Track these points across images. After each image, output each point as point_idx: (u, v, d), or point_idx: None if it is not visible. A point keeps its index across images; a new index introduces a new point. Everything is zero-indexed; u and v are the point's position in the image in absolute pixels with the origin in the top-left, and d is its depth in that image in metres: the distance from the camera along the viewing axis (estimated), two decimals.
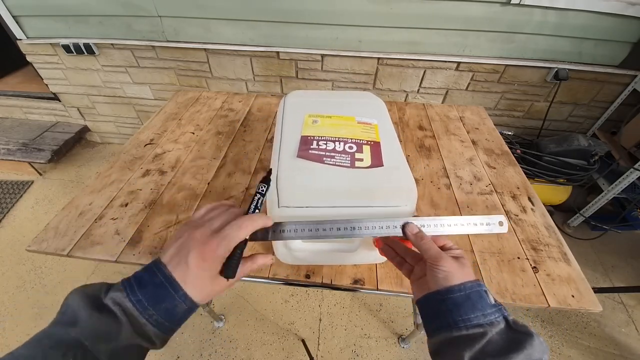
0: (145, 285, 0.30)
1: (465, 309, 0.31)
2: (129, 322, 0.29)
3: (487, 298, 0.32)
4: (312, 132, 0.55)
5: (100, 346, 0.27)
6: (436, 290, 0.34)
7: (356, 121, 0.58)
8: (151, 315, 0.29)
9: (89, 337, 0.27)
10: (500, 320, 0.31)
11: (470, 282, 0.33)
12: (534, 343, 0.29)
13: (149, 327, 0.29)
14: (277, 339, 1.22)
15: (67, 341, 0.27)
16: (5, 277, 1.41)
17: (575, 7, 1.22)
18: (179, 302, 0.31)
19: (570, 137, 1.44)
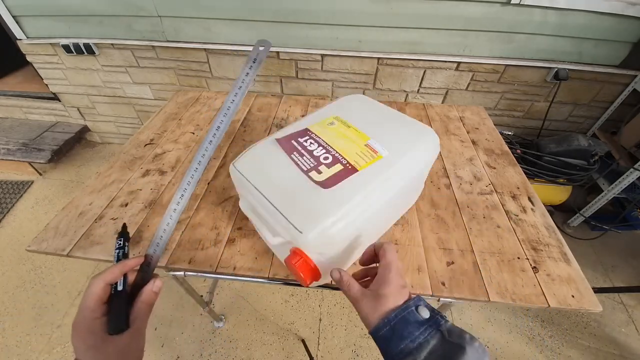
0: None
1: (395, 342, 0.31)
2: None
3: (415, 318, 0.32)
4: (315, 130, 0.55)
5: None
6: (370, 331, 0.34)
7: (365, 143, 0.52)
8: None
9: None
10: (432, 336, 0.31)
11: (395, 311, 0.33)
12: (466, 356, 0.29)
13: None
14: (277, 339, 1.22)
15: None
16: (5, 277, 1.41)
17: (576, 7, 1.22)
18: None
19: (570, 137, 1.44)
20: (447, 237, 0.65)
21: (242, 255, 0.61)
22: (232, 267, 0.59)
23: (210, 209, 0.70)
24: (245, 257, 0.60)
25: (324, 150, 0.51)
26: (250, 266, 0.59)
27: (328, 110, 0.63)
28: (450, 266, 0.59)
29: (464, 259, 0.60)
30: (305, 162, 0.49)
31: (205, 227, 0.66)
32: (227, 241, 0.63)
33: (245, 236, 0.64)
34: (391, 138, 0.54)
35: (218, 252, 0.61)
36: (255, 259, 0.60)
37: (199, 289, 1.35)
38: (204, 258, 0.60)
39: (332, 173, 0.47)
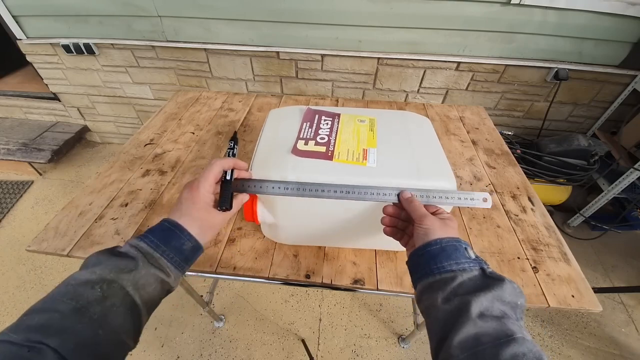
0: (155, 231, 0.37)
1: (440, 258, 0.34)
2: (144, 257, 0.34)
3: (463, 252, 0.34)
4: (343, 118, 0.61)
5: (123, 276, 0.32)
6: (418, 247, 0.37)
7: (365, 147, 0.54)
8: (164, 251, 0.36)
9: (112, 271, 0.32)
10: (474, 268, 0.33)
11: (448, 238, 0.36)
12: (504, 286, 0.31)
13: (163, 261, 0.35)
14: (277, 339, 1.22)
15: (93, 279, 0.31)
16: (5, 277, 1.41)
17: (575, 7, 1.22)
18: (185, 241, 0.37)
19: (570, 137, 1.44)
20: None
21: (242, 255, 0.61)
22: (232, 267, 0.59)
23: None
24: (245, 257, 0.60)
25: (327, 133, 0.56)
26: (250, 266, 0.59)
27: (381, 112, 0.65)
28: None
29: None
30: (306, 132, 0.56)
31: None
32: (227, 241, 0.63)
33: (245, 236, 0.64)
34: (394, 162, 0.51)
35: (218, 252, 0.61)
36: (255, 259, 0.60)
37: (199, 289, 1.35)
38: (204, 258, 0.60)
39: (311, 149, 0.53)
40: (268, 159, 0.52)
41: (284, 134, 0.57)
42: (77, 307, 0.28)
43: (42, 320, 0.27)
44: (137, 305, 0.32)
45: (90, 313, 0.28)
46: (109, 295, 0.30)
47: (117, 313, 0.30)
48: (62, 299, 0.29)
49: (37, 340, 0.25)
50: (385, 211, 0.44)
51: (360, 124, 0.59)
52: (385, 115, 0.63)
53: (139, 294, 0.32)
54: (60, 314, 0.27)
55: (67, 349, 0.25)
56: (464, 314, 0.29)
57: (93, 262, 0.33)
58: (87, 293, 0.30)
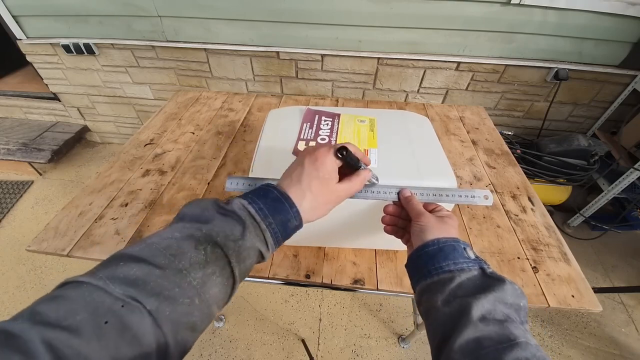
0: (264, 198, 0.32)
1: (438, 259, 0.33)
2: (252, 226, 0.31)
3: (462, 252, 0.34)
4: (344, 119, 0.61)
5: (229, 243, 0.29)
6: (416, 248, 0.36)
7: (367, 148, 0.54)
8: (270, 223, 0.31)
9: (220, 234, 0.29)
10: (473, 268, 0.32)
11: (445, 238, 0.35)
12: (504, 287, 0.30)
13: (267, 235, 0.31)
14: (277, 339, 1.22)
15: (197, 236, 0.28)
16: (5, 277, 1.41)
17: (575, 7, 1.22)
18: (291, 217, 0.33)
19: (570, 137, 1.44)
20: None
21: None
22: None
23: None
24: None
25: (328, 134, 0.56)
26: None
27: (380, 112, 0.65)
28: None
29: None
30: (306, 133, 0.57)
31: None
32: None
33: None
34: (395, 162, 0.52)
35: None
36: None
37: None
38: None
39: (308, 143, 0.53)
40: (269, 159, 0.52)
41: (284, 135, 0.57)
42: (179, 267, 0.25)
43: (140, 273, 0.24)
44: (235, 278, 0.29)
45: (191, 278, 0.26)
46: (211, 262, 0.27)
47: (214, 283, 0.27)
48: (163, 252, 0.26)
49: (132, 296, 0.22)
50: (386, 210, 0.44)
51: (360, 124, 0.60)
52: (385, 115, 0.63)
53: (239, 266, 0.29)
54: (161, 271, 0.25)
55: (162, 315, 0.23)
56: (465, 316, 0.28)
57: (197, 214, 0.30)
58: (191, 253, 0.27)
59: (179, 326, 0.24)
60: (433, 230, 0.36)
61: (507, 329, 0.27)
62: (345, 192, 0.37)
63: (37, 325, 0.19)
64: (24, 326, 0.19)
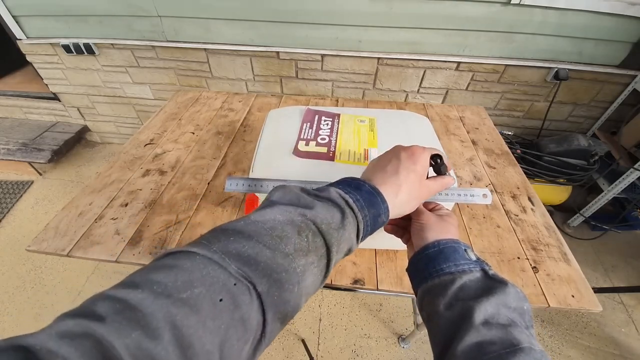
0: (358, 189, 0.31)
1: (439, 261, 0.33)
2: (350, 215, 0.29)
3: (463, 253, 0.33)
4: (343, 119, 0.61)
5: (332, 232, 0.27)
6: (416, 252, 0.35)
7: (366, 148, 0.54)
8: (365, 215, 0.30)
9: (324, 222, 0.27)
10: (475, 269, 0.32)
11: (446, 239, 0.34)
12: (507, 290, 0.30)
13: (362, 227, 0.29)
14: (277, 338, 1.22)
15: (299, 221, 0.26)
16: (5, 277, 1.41)
17: (575, 7, 1.21)
18: (382, 213, 0.31)
19: (570, 137, 1.44)
20: None
21: None
22: None
23: (210, 209, 0.70)
24: None
25: (328, 134, 0.56)
26: None
27: (380, 112, 0.65)
28: None
29: None
30: (307, 133, 0.56)
31: (205, 227, 0.66)
32: None
33: None
34: None
35: None
36: None
37: None
38: None
39: (313, 150, 0.53)
40: (269, 160, 0.52)
41: (284, 135, 0.57)
42: (286, 252, 0.24)
43: (252, 251, 0.22)
44: (329, 269, 0.27)
45: (295, 264, 0.24)
46: (312, 250, 0.25)
47: (312, 273, 0.25)
48: (270, 233, 0.24)
49: (246, 275, 0.21)
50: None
51: (360, 124, 0.60)
52: (384, 115, 0.63)
53: (336, 257, 0.28)
54: (271, 252, 0.23)
55: (270, 299, 0.22)
56: (467, 321, 0.28)
57: (294, 200, 0.28)
58: (295, 239, 0.25)
59: (277, 314, 0.23)
60: (433, 229, 0.36)
61: (510, 333, 0.27)
62: (432, 190, 0.37)
63: (159, 297, 0.18)
64: (145, 297, 0.17)
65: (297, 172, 0.49)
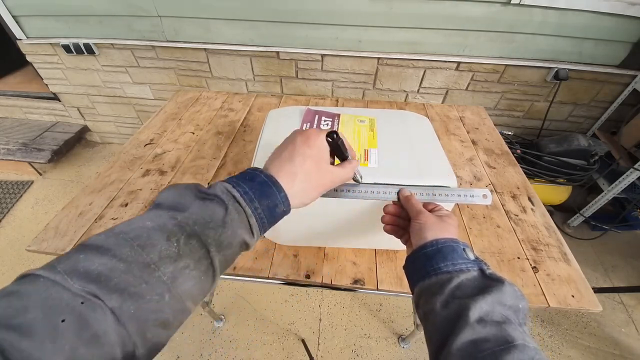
0: (250, 182, 0.30)
1: (436, 260, 0.33)
2: (235, 211, 0.28)
3: (461, 253, 0.33)
4: (343, 119, 0.61)
5: (208, 232, 0.27)
6: (414, 250, 0.36)
7: (366, 148, 0.54)
8: (256, 208, 0.29)
9: (197, 223, 0.26)
10: (472, 269, 0.32)
11: (444, 239, 0.35)
12: (504, 288, 0.30)
13: (253, 221, 0.29)
14: (277, 339, 1.22)
15: (170, 226, 0.26)
16: (5, 277, 1.41)
17: (576, 7, 1.21)
18: (279, 202, 0.31)
19: (570, 137, 1.44)
20: None
21: (242, 255, 0.61)
22: (232, 267, 0.59)
23: None
24: (245, 257, 0.60)
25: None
26: (250, 266, 0.59)
27: (380, 112, 0.65)
28: None
29: None
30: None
31: None
32: None
33: None
34: (398, 160, 0.52)
35: None
36: (255, 259, 0.60)
37: None
38: None
39: None
40: None
41: (284, 135, 0.56)
42: (146, 261, 0.23)
43: (102, 267, 0.22)
44: (214, 269, 0.27)
45: (160, 272, 0.23)
46: (185, 254, 0.25)
47: (188, 276, 0.25)
48: (131, 243, 0.24)
49: (93, 292, 0.21)
50: (386, 210, 0.44)
51: (360, 124, 0.60)
52: (384, 115, 0.63)
53: (219, 256, 0.27)
54: (126, 264, 0.23)
55: (127, 313, 0.21)
56: (463, 318, 0.28)
57: (175, 200, 0.28)
58: (161, 245, 0.24)
59: (147, 324, 0.23)
60: (432, 229, 0.36)
61: (504, 330, 0.27)
62: (338, 176, 0.36)
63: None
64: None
65: None
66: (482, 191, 0.43)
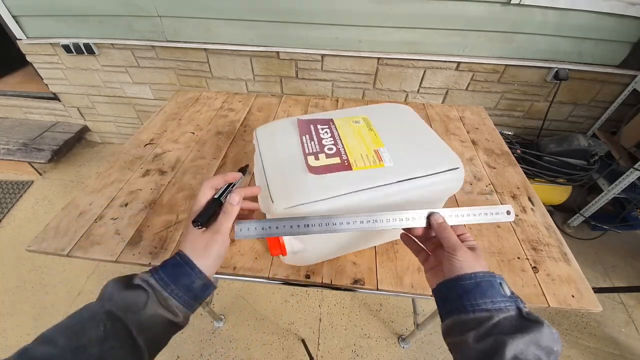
0: (166, 266, 0.35)
1: (475, 295, 0.33)
2: (154, 295, 0.33)
3: (499, 288, 0.33)
4: (338, 123, 0.58)
5: (129, 315, 0.32)
6: (449, 278, 0.35)
7: (375, 148, 0.53)
8: (172, 290, 0.34)
9: (120, 308, 0.32)
10: (511, 308, 0.32)
11: (482, 272, 0.34)
12: (542, 330, 0.30)
13: (172, 301, 0.34)
14: (277, 339, 1.22)
15: (100, 314, 0.31)
16: (5, 277, 1.41)
17: (576, 7, 1.21)
18: (195, 278, 0.35)
19: (570, 137, 1.44)
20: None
21: (242, 255, 0.61)
22: (232, 267, 0.59)
23: None
24: (245, 257, 0.60)
25: (332, 142, 0.53)
26: (250, 266, 0.59)
27: (366, 110, 0.64)
28: None
29: None
30: (310, 146, 0.53)
31: None
32: None
33: None
34: (407, 154, 0.51)
35: None
36: (255, 259, 0.60)
37: None
38: None
39: (326, 163, 0.49)
40: (285, 185, 0.47)
41: (285, 153, 0.52)
42: (76, 345, 0.29)
43: (44, 353, 0.28)
44: (139, 348, 0.31)
45: (88, 354, 0.28)
46: (110, 336, 0.30)
47: (115, 356, 0.30)
48: (66, 333, 0.29)
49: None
50: (411, 232, 0.43)
51: (356, 125, 0.58)
52: (373, 112, 0.62)
53: (143, 336, 0.32)
54: (60, 350, 0.28)
55: None
56: (499, 354, 0.28)
57: (108, 292, 0.33)
58: (91, 331, 0.30)
59: None
60: (470, 265, 0.35)
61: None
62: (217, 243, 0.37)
63: None
64: None
65: (317, 190, 0.45)
66: (505, 207, 0.41)
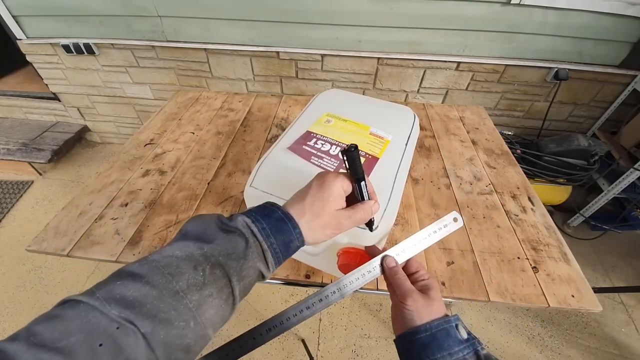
0: (267, 217, 0.32)
1: (432, 349, 0.32)
2: (255, 244, 0.31)
3: (455, 334, 0.32)
4: (317, 130, 0.56)
5: (231, 262, 0.29)
6: (405, 332, 0.34)
7: (369, 132, 0.55)
8: (272, 243, 0.31)
9: (222, 254, 0.29)
10: (469, 356, 0.31)
11: (437, 320, 0.33)
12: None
13: (269, 255, 0.31)
14: (277, 339, 1.22)
15: (197, 256, 0.28)
16: (5, 277, 1.41)
17: (576, 7, 1.22)
18: (294, 238, 0.33)
19: (570, 137, 1.44)
20: (447, 237, 0.64)
21: None
22: None
23: (210, 209, 0.70)
24: None
25: (337, 148, 0.52)
26: None
27: (313, 109, 0.64)
28: (450, 266, 0.59)
29: (464, 259, 0.60)
30: (327, 163, 0.50)
31: None
32: None
33: None
34: (384, 121, 0.59)
35: None
36: None
37: None
38: None
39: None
40: None
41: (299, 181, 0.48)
42: (176, 289, 0.25)
43: (137, 294, 0.24)
44: (234, 298, 0.29)
45: (187, 300, 0.26)
46: (209, 283, 0.27)
47: (211, 305, 0.27)
48: (162, 272, 0.26)
49: (128, 318, 0.23)
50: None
51: (330, 124, 0.58)
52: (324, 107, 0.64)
53: (239, 285, 0.29)
54: (158, 291, 0.25)
55: (156, 338, 0.23)
56: None
57: (200, 232, 0.30)
58: (189, 274, 0.27)
59: (172, 348, 0.24)
60: (421, 314, 0.34)
61: None
62: (346, 220, 0.36)
63: (33, 347, 0.19)
64: (20, 347, 0.19)
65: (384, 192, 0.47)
66: (451, 216, 0.40)
